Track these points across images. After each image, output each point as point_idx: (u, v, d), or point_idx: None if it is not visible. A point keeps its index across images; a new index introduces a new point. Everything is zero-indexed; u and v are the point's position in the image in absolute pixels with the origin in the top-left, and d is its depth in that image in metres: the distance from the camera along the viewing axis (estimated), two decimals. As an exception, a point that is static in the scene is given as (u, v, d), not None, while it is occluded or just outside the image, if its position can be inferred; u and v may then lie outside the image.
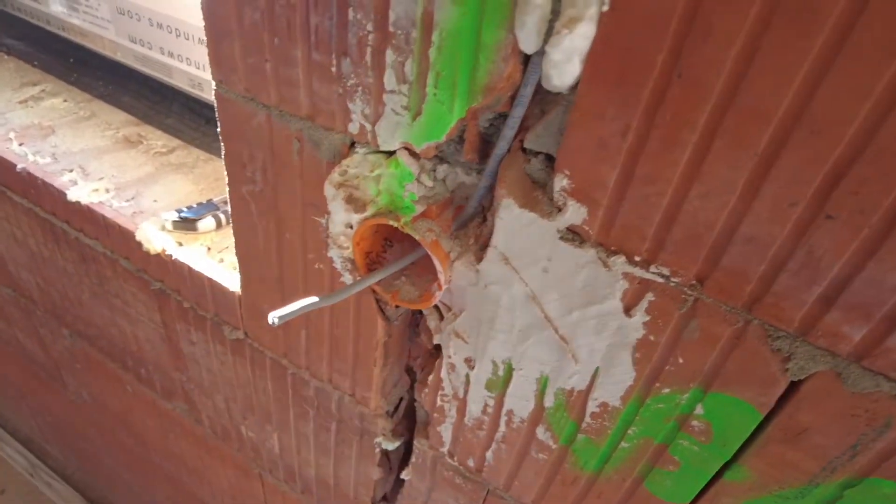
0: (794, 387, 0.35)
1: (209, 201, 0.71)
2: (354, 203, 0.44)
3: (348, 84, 0.40)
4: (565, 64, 0.31)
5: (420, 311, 0.53)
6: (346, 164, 0.43)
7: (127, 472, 1.29)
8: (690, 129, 0.30)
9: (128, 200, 0.72)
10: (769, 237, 0.31)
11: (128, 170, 0.77)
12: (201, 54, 0.75)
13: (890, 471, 0.35)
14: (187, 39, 0.75)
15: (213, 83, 0.48)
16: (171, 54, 0.78)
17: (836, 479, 0.37)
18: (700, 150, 0.31)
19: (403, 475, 0.63)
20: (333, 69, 0.40)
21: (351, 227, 0.46)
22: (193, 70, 0.77)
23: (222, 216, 0.69)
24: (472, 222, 0.44)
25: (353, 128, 0.41)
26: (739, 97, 0.28)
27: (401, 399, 0.62)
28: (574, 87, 0.33)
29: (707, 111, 0.29)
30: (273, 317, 0.38)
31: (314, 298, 0.41)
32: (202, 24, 0.72)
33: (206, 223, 0.68)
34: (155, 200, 0.73)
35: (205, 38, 0.73)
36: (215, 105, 0.49)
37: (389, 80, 0.38)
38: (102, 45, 0.85)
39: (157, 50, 0.78)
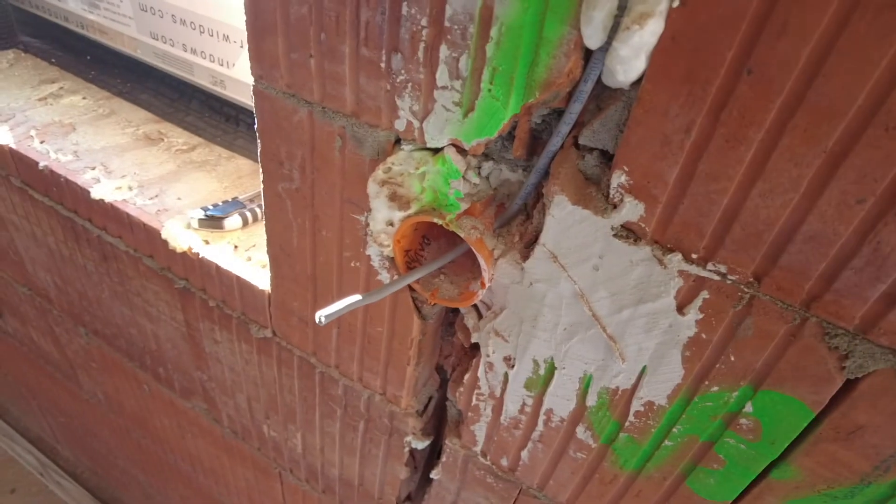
0: (849, 385, 0.35)
1: (235, 199, 0.71)
2: (398, 200, 0.44)
3: (398, 80, 0.39)
4: (632, 60, 0.31)
5: (456, 310, 0.53)
6: (390, 162, 0.43)
7: (140, 472, 1.29)
8: (757, 127, 0.30)
9: (151, 198, 0.72)
10: (833, 234, 0.31)
11: (150, 167, 0.77)
12: (224, 51, 0.74)
13: (947, 469, 0.34)
14: (211, 36, 0.74)
15: (253, 79, 0.47)
16: (193, 51, 0.77)
17: (888, 479, 0.37)
18: (766, 148, 0.30)
19: (433, 474, 0.62)
20: (382, 65, 0.39)
21: (392, 225, 0.45)
22: (216, 67, 0.77)
23: (249, 214, 0.68)
24: (515, 220, 0.43)
25: (400, 124, 0.41)
26: (811, 94, 0.28)
27: (430, 398, 0.62)
28: (636, 83, 0.32)
29: (776, 108, 0.29)
30: (320, 316, 0.38)
31: (358, 297, 0.40)
32: (227, 20, 0.72)
33: (233, 221, 0.67)
34: (179, 198, 0.73)
35: (229, 35, 0.73)
36: (253, 101, 0.49)
37: (442, 75, 0.37)
38: (122, 43, 0.84)
39: (178, 47, 0.78)
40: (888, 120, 0.27)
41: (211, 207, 0.68)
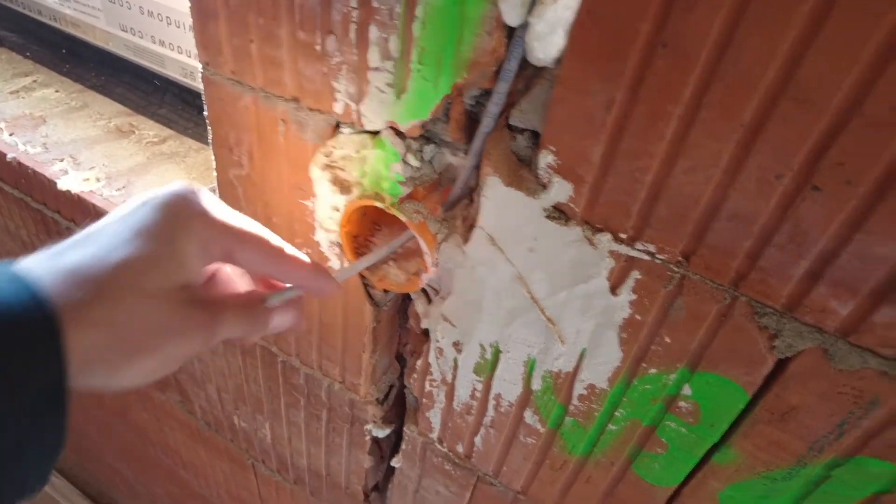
0: (781, 365, 0.35)
1: (200, 189, 0.70)
2: (340, 185, 0.43)
3: (333, 62, 0.39)
4: (549, 35, 0.30)
5: (409, 296, 0.53)
6: (331, 145, 0.43)
7: (126, 467, 1.29)
8: (675, 102, 0.30)
9: (119, 189, 0.72)
10: (755, 211, 0.31)
11: (119, 159, 0.77)
12: (193, 43, 0.74)
13: (877, 449, 0.34)
14: (178, 27, 0.74)
15: (200, 66, 0.47)
16: (162, 43, 0.77)
17: (823, 460, 0.36)
18: (685, 123, 0.30)
19: (393, 462, 0.62)
20: (318, 48, 0.39)
21: (338, 210, 0.45)
22: (185, 59, 0.77)
23: (213, 204, 0.68)
24: (460, 203, 0.43)
25: (338, 108, 0.41)
26: (724, 66, 0.28)
27: (391, 386, 0.62)
28: (559, 61, 0.32)
29: (692, 82, 0.29)
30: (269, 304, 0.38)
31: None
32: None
33: (197, 211, 0.67)
34: (146, 189, 0.73)
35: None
36: (202, 88, 0.49)
37: (374, 56, 0.37)
38: (94, 35, 0.84)
39: (148, 39, 0.78)
40: (798, 93, 0.27)
41: (176, 198, 0.68)
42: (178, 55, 0.78)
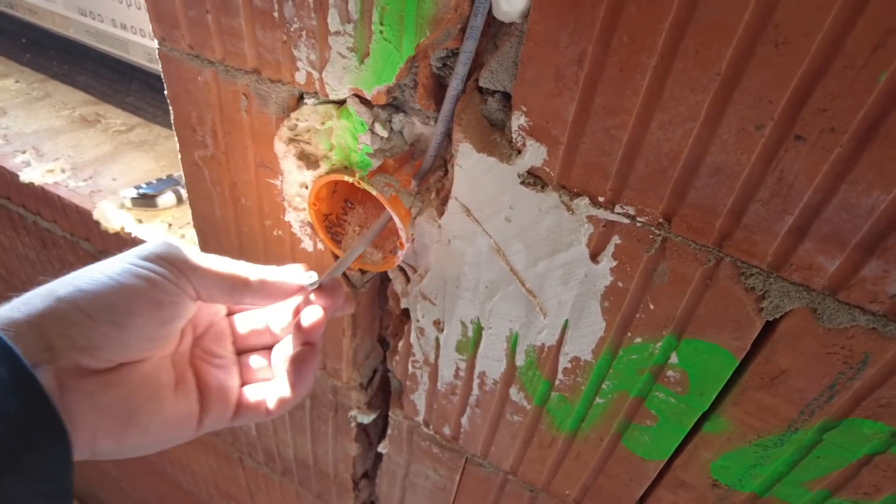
0: (769, 328, 0.34)
1: (169, 177, 0.68)
2: (306, 160, 0.41)
3: (292, 29, 0.37)
4: (513, -15, 0.28)
5: (387, 276, 0.51)
6: (294, 118, 0.41)
7: (112, 467, 1.27)
8: (650, 52, 0.28)
9: (85, 180, 0.69)
10: (737, 165, 0.29)
11: (85, 149, 0.74)
12: (155, 25, 0.71)
13: (869, 409, 0.33)
14: (139, 9, 0.71)
15: (156, 42, 0.45)
16: (124, 26, 0.74)
17: (814, 423, 0.35)
18: (660, 74, 0.29)
19: (380, 448, 0.61)
20: (276, 14, 0.37)
21: (306, 188, 0.43)
22: (149, 42, 0.74)
23: (183, 191, 0.66)
24: (433, 175, 0.41)
25: (300, 77, 0.39)
26: (699, 12, 0.26)
27: (375, 370, 0.60)
28: (526, 14, 0.30)
29: (665, 30, 0.27)
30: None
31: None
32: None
33: (166, 199, 0.65)
34: (114, 179, 0.70)
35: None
36: (160, 66, 0.46)
37: (333, 20, 0.35)
38: (53, 22, 0.81)
39: (108, 22, 0.75)
40: (777, 35, 0.25)
41: (144, 186, 0.66)
42: (142, 39, 0.75)
